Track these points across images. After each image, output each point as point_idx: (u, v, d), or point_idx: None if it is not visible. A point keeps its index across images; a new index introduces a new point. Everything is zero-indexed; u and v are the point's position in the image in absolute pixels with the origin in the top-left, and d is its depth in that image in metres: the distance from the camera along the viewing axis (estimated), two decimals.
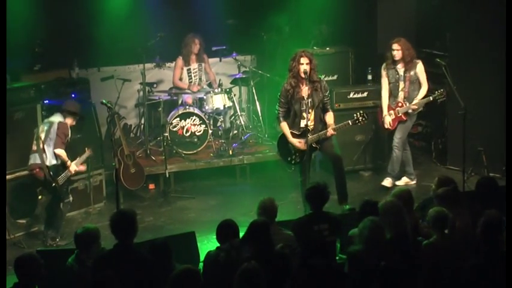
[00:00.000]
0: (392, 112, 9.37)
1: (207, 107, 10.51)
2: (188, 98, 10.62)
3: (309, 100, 8.25)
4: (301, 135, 8.33)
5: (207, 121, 10.36)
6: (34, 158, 8.21)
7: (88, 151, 8.53)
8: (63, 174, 8.24)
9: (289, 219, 7.01)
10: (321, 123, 8.35)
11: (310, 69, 8.23)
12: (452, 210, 6.02)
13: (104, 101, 8.09)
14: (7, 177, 8.26)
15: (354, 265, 5.24)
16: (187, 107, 10.37)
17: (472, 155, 9.34)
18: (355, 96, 10.17)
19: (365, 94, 10.24)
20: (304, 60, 8.23)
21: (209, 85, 11.05)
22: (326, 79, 9.25)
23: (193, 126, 10.29)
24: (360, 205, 6.45)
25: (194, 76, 10.87)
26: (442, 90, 9.23)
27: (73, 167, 8.30)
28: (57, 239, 8.24)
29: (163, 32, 10.59)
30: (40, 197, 8.67)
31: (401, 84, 9.28)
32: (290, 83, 8.33)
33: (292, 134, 8.42)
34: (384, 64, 9.44)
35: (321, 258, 5.37)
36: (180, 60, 10.79)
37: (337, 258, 6.25)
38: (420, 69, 9.27)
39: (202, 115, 10.32)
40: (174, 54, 10.98)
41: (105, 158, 9.53)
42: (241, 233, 6.01)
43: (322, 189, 6.57)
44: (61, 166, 8.28)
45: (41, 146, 8.15)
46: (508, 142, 8.06)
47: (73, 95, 9.35)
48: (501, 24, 9.16)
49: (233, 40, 11.23)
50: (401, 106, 9.31)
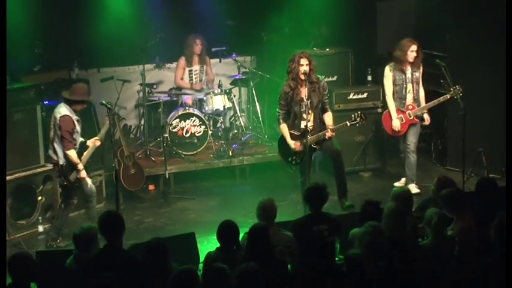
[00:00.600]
0: (402, 116, 9.11)
1: (207, 108, 10.52)
2: (188, 99, 10.62)
3: (308, 101, 8.26)
4: (300, 135, 8.34)
5: (207, 122, 10.36)
6: (51, 152, 8.23)
7: (106, 123, 8.39)
8: (73, 173, 8.11)
9: (288, 220, 7.01)
10: (321, 123, 8.36)
11: (309, 70, 8.24)
12: (455, 211, 6.02)
13: (104, 102, 8.08)
14: (7, 178, 8.24)
15: (353, 269, 5.23)
16: (187, 108, 10.37)
17: (472, 156, 9.34)
18: (354, 97, 10.18)
19: (365, 95, 10.24)
20: (304, 61, 8.24)
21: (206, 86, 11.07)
22: (326, 80, 9.24)
23: (193, 127, 10.29)
24: (361, 205, 6.44)
25: (195, 77, 10.87)
26: (457, 86, 8.90)
27: (83, 174, 8.12)
28: (58, 240, 8.23)
29: (163, 33, 10.59)
30: (40, 198, 8.68)
31: (409, 86, 9.09)
32: (289, 85, 8.34)
33: (292, 135, 8.43)
34: (391, 65, 9.20)
35: (320, 258, 5.36)
36: (183, 60, 10.80)
37: (336, 259, 6.24)
38: (421, 70, 9.25)
39: (202, 116, 10.32)
40: (174, 55, 10.99)
41: (105, 159, 9.53)
42: (241, 234, 6.02)
43: (321, 189, 6.57)
44: (71, 165, 8.11)
45: (51, 139, 8.13)
46: (508, 143, 8.05)
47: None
48: (500, 25, 9.16)
49: (233, 41, 11.24)
50: (412, 109, 9.11)
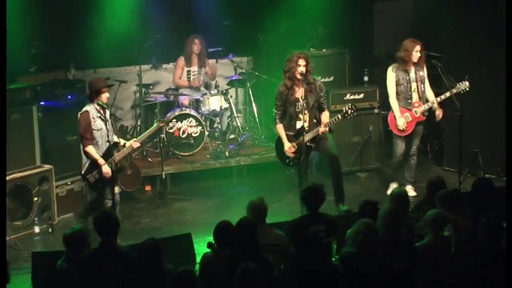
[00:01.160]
0: (408, 114, 9.02)
1: (204, 109, 10.51)
2: (185, 100, 10.61)
3: (304, 102, 8.25)
4: (295, 136, 8.34)
5: (204, 122, 10.35)
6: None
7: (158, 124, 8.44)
8: (94, 172, 7.97)
9: (285, 220, 7.00)
10: (317, 124, 8.35)
11: (306, 71, 8.24)
12: (452, 211, 6.02)
13: (100, 103, 8.07)
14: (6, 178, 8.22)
15: (347, 267, 5.23)
16: (183, 109, 10.36)
17: (468, 156, 9.34)
18: (351, 97, 10.18)
19: (361, 95, 10.26)
20: (302, 62, 8.23)
21: (206, 86, 11.04)
22: (322, 80, 9.23)
23: (189, 127, 10.28)
24: (359, 205, 6.44)
25: (193, 78, 10.87)
26: (464, 81, 8.80)
27: (105, 168, 7.89)
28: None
29: (159, 34, 10.58)
30: (36, 199, 8.66)
31: (413, 85, 9.00)
32: (285, 85, 8.34)
33: (288, 136, 8.41)
34: (393, 65, 9.07)
35: (315, 258, 5.35)
36: (181, 60, 10.79)
37: (333, 259, 6.24)
38: (425, 69, 9.16)
39: (198, 116, 10.32)
40: (171, 55, 10.98)
41: None
42: None
43: (318, 190, 6.57)
44: (94, 162, 7.95)
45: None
46: (508, 143, 8.04)
47: (69, 97, 9.33)
48: (497, 25, 9.17)
49: (230, 42, 11.23)
50: (418, 106, 9.01)
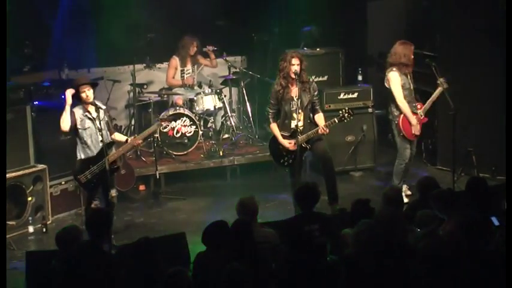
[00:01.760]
0: (415, 117, 8.90)
1: (198, 108, 10.51)
2: (178, 99, 10.60)
3: (299, 101, 8.26)
4: (290, 136, 8.34)
5: (198, 122, 10.35)
6: None
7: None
8: (86, 172, 7.88)
9: (279, 220, 7.00)
10: (311, 124, 8.35)
11: (300, 69, 8.24)
12: (446, 211, 6.03)
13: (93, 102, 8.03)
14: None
15: (350, 268, 5.22)
16: (177, 108, 10.35)
17: (462, 156, 9.37)
18: (345, 97, 10.20)
19: (355, 95, 10.27)
20: (295, 61, 8.23)
21: (199, 86, 11.04)
22: (316, 80, 9.24)
23: (183, 127, 10.27)
24: (352, 204, 6.44)
25: (186, 77, 10.87)
26: (444, 78, 8.79)
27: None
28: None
29: (153, 33, 10.57)
30: (30, 199, 8.64)
31: (412, 87, 8.94)
32: (280, 84, 8.34)
33: (282, 136, 8.40)
34: (396, 70, 8.83)
35: (311, 258, 5.35)
36: (175, 60, 10.79)
37: (328, 259, 6.23)
38: None
39: (192, 116, 10.31)
40: (164, 55, 10.97)
41: None
42: None
43: (312, 189, 6.56)
44: (85, 162, 7.90)
45: None
46: (508, 143, 8.04)
47: (63, 97, 9.30)
48: (491, 24, 9.19)
49: (223, 41, 11.22)
50: (420, 107, 8.94)
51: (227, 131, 10.87)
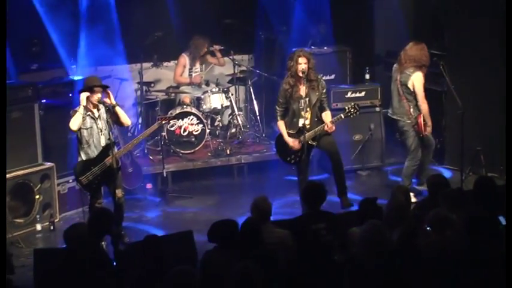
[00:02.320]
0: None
1: (205, 107, 10.51)
2: (186, 98, 10.61)
3: (307, 99, 8.26)
4: (297, 134, 8.34)
5: (205, 120, 10.35)
6: None
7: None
8: (87, 173, 7.88)
9: (286, 218, 7.00)
10: (318, 122, 8.35)
11: (308, 68, 8.23)
12: (455, 210, 6.01)
13: (101, 101, 8.04)
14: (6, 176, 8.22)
15: (355, 268, 5.20)
16: (184, 107, 10.36)
17: (470, 155, 9.34)
18: (352, 95, 10.18)
19: (362, 94, 10.25)
20: (302, 60, 8.24)
21: (207, 84, 11.04)
22: (324, 79, 9.21)
23: (190, 125, 10.27)
24: (359, 203, 6.43)
25: (194, 75, 10.87)
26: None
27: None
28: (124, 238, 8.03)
29: (160, 32, 10.57)
30: (38, 196, 8.66)
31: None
32: (288, 82, 8.35)
33: (289, 134, 8.41)
34: (420, 71, 8.80)
35: (318, 257, 5.35)
36: (184, 58, 10.78)
37: (335, 258, 6.23)
38: None
39: (199, 114, 10.31)
40: (172, 53, 10.97)
41: None
42: None
43: (319, 188, 6.55)
44: (86, 163, 7.89)
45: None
46: (508, 142, 8.03)
47: (70, 95, 9.33)
48: (500, 23, 9.15)
49: (231, 39, 11.22)
50: None
51: (234, 130, 10.86)
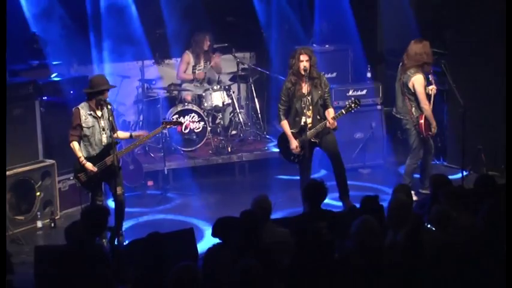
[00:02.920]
0: None
1: (206, 104, 10.51)
2: (187, 95, 10.61)
3: (309, 97, 8.26)
4: (299, 132, 8.33)
5: (206, 118, 10.35)
6: None
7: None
8: (85, 173, 7.82)
9: (287, 217, 7.00)
10: (320, 120, 8.34)
11: (309, 66, 8.23)
12: (456, 208, 6.01)
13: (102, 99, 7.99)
14: (6, 173, 8.20)
15: (350, 264, 5.21)
16: (186, 104, 10.36)
17: (471, 153, 9.33)
18: (354, 93, 10.17)
19: (364, 92, 10.25)
20: (303, 57, 8.23)
21: (208, 82, 11.04)
22: (325, 77, 9.22)
23: (192, 123, 10.28)
24: (360, 201, 6.44)
25: (198, 72, 10.86)
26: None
27: (89, 166, 7.74)
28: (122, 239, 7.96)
29: (162, 29, 10.56)
30: (39, 194, 8.66)
31: (428, 88, 8.90)
32: (290, 81, 8.35)
33: (291, 133, 8.39)
34: (422, 73, 8.77)
35: (318, 256, 5.33)
36: (188, 55, 10.77)
37: (335, 256, 6.22)
38: None
39: (201, 112, 10.31)
40: (174, 51, 10.95)
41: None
42: None
43: (320, 186, 6.55)
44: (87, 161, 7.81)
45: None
46: (508, 141, 8.02)
47: (72, 92, 9.33)
48: (501, 22, 9.14)
49: (232, 37, 11.21)
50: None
51: (235, 127, 10.86)
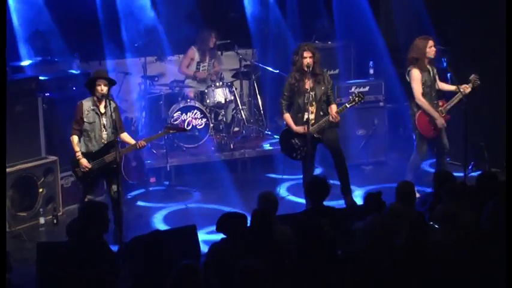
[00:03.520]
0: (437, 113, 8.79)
1: (208, 101, 10.51)
2: (189, 92, 10.62)
3: (312, 93, 8.26)
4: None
5: (208, 115, 10.35)
6: None
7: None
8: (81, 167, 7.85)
9: (290, 213, 7.00)
10: (323, 116, 8.33)
11: (313, 62, 8.22)
12: (459, 205, 6.00)
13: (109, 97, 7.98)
14: (9, 169, 8.23)
15: (358, 263, 5.20)
16: (188, 101, 10.36)
17: (474, 150, 9.32)
18: (356, 90, 10.16)
19: (366, 88, 10.24)
20: (307, 54, 8.23)
21: (211, 79, 11.04)
22: (328, 73, 9.22)
23: (194, 119, 10.28)
24: (363, 197, 6.44)
25: (202, 70, 10.87)
26: (474, 75, 8.62)
27: (83, 162, 7.77)
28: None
29: (164, 26, 10.56)
30: (41, 190, 8.67)
31: (435, 84, 8.82)
32: (294, 77, 8.35)
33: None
34: (417, 67, 8.70)
35: (321, 252, 5.33)
36: (193, 51, 10.78)
37: (338, 253, 6.22)
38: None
39: (203, 109, 10.32)
40: (176, 47, 10.96)
41: None
42: None
43: (322, 183, 6.55)
44: (85, 156, 7.81)
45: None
46: (508, 139, 8.02)
47: (74, 88, 9.33)
48: (503, 19, 9.12)
49: (235, 34, 11.21)
50: (442, 105, 8.81)
51: (238, 124, 10.87)
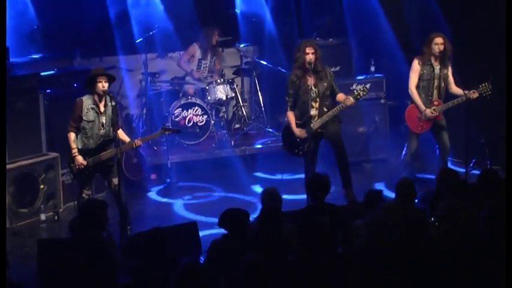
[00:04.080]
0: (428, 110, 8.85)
1: (210, 98, 10.50)
2: (190, 88, 10.62)
3: (315, 90, 8.26)
4: (304, 124, 8.34)
5: (209, 111, 10.35)
6: None
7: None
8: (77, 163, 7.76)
9: (291, 210, 6.99)
10: (327, 112, 8.33)
11: (315, 59, 8.23)
12: (460, 200, 6.00)
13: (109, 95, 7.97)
14: (10, 166, 8.23)
15: (362, 260, 5.19)
16: (189, 97, 10.36)
17: (475, 148, 9.32)
18: (357, 87, 10.15)
19: (368, 85, 10.20)
20: (309, 50, 8.25)
21: (211, 75, 11.03)
22: (329, 69, 9.22)
23: (195, 116, 10.28)
24: (364, 195, 6.44)
25: (203, 68, 10.85)
26: (487, 83, 8.60)
27: (78, 159, 7.67)
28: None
29: (166, 23, 10.55)
30: (42, 186, 8.67)
31: (436, 81, 8.84)
32: (296, 74, 8.35)
33: (297, 124, 8.40)
34: (418, 59, 8.84)
35: (321, 249, 5.33)
36: (195, 47, 10.76)
37: (339, 250, 6.22)
38: (450, 69, 8.97)
39: (204, 105, 10.31)
40: (177, 44, 10.95)
41: None
42: None
43: (323, 180, 6.54)
44: (82, 153, 7.73)
45: None
46: (508, 138, 8.02)
47: (75, 85, 9.33)
48: (504, 17, 9.12)
49: (236, 30, 11.20)
50: (438, 104, 8.86)
51: (239, 121, 10.86)
